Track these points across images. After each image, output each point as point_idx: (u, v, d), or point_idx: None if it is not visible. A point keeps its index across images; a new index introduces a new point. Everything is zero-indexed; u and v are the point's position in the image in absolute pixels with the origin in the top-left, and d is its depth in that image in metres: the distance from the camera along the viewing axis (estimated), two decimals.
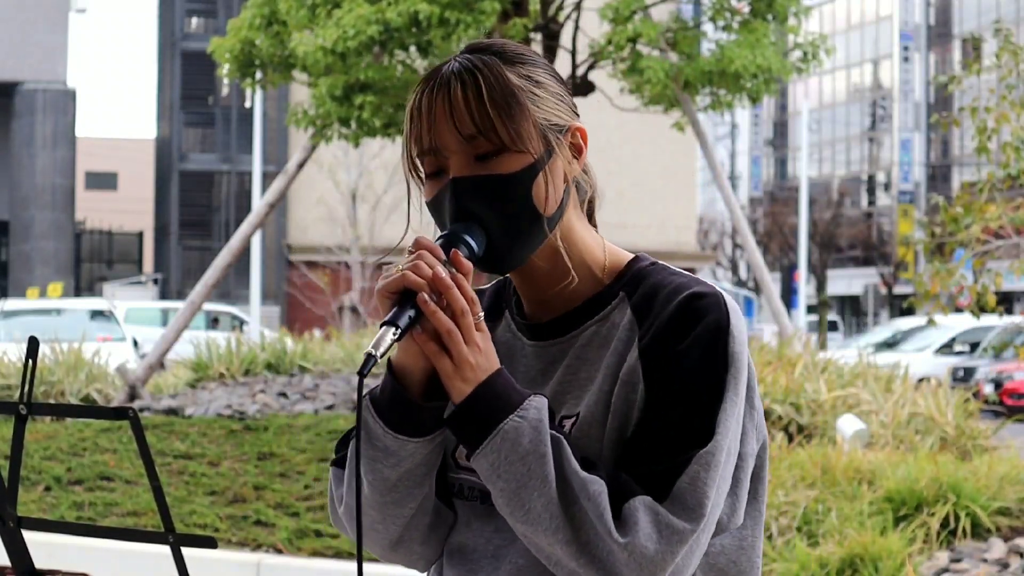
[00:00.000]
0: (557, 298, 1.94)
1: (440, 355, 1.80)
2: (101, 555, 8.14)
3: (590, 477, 1.77)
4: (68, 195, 40.87)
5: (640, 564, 1.74)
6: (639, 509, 1.76)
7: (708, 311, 1.82)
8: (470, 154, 1.86)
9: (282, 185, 13.94)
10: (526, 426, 1.78)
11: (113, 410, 1.78)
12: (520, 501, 1.77)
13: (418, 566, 2.03)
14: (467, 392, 1.80)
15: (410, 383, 1.85)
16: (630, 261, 1.95)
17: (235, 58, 13.17)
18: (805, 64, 13.50)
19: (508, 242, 1.87)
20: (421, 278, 1.79)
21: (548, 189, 1.87)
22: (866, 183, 72.20)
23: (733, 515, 1.86)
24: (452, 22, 11.90)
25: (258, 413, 11.43)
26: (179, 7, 49.39)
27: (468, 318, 1.80)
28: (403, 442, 1.86)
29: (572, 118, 1.92)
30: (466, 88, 1.86)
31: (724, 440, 1.79)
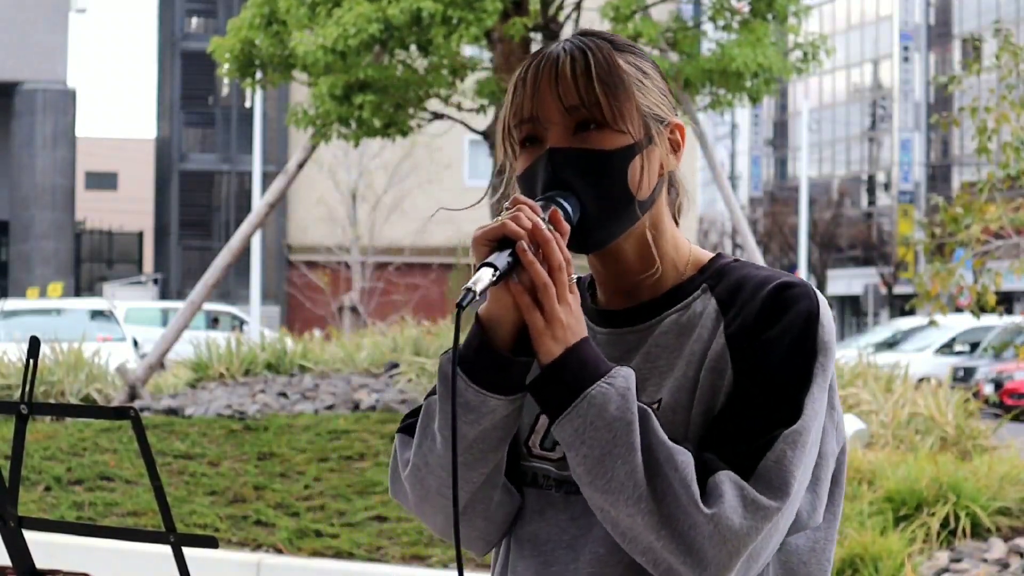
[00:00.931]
0: (638, 288, 1.93)
1: (532, 309, 1.79)
2: (102, 555, 8.14)
3: (677, 448, 1.76)
4: (68, 195, 40.87)
5: (724, 538, 1.72)
6: (724, 482, 1.74)
7: (798, 300, 1.82)
8: (569, 126, 1.87)
9: (282, 185, 13.94)
10: (613, 393, 1.76)
11: (114, 410, 1.78)
12: (603, 469, 1.75)
13: (477, 546, 1.99)
14: (556, 353, 1.78)
15: (498, 336, 1.83)
16: (713, 257, 1.95)
17: (235, 58, 13.17)
18: (805, 64, 13.50)
19: (599, 218, 1.87)
20: (521, 228, 1.78)
21: (644, 174, 1.88)
22: (866, 183, 72.20)
23: (813, 512, 1.85)
24: (453, 20, 11.91)
25: (258, 413, 11.43)
26: (179, 7, 49.39)
27: (564, 275, 1.79)
28: (484, 398, 1.83)
29: (673, 115, 1.93)
30: (575, 62, 1.87)
31: (811, 423, 1.78)
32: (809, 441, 1.78)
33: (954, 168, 65.55)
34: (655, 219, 1.92)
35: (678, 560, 1.74)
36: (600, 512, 1.78)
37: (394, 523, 8.84)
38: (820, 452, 1.85)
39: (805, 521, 1.84)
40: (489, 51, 13.36)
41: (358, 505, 9.14)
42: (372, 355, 13.47)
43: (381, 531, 8.80)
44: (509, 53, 12.83)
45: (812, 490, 1.84)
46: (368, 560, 8.45)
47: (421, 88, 13.01)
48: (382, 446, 10.17)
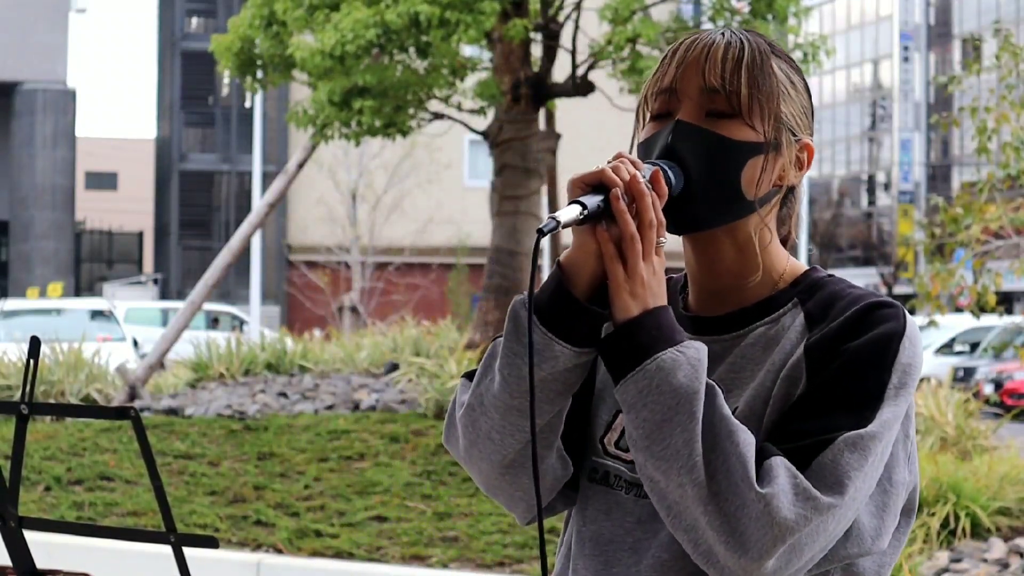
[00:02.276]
0: (731, 294, 1.91)
1: (615, 260, 1.77)
2: (102, 555, 8.14)
3: (741, 427, 1.74)
4: (68, 195, 40.88)
5: (771, 520, 1.69)
6: (779, 467, 1.72)
7: (887, 319, 1.80)
8: (704, 106, 1.86)
9: (282, 185, 13.94)
10: (684, 360, 1.74)
11: (114, 410, 1.78)
12: (661, 435, 1.73)
13: (519, 507, 1.95)
14: (633, 311, 1.76)
15: (576, 283, 1.81)
16: (808, 271, 1.93)
17: (235, 56, 13.17)
18: (805, 65, 13.50)
19: (702, 200, 1.86)
20: (619, 178, 1.77)
21: (761, 176, 1.86)
22: (866, 183, 72.20)
23: (878, 538, 1.82)
24: (452, 23, 11.90)
25: (258, 413, 11.43)
26: (179, 7, 49.39)
27: (653, 234, 1.78)
28: (550, 341, 1.80)
29: (807, 134, 1.92)
30: (730, 47, 1.87)
31: (878, 435, 1.75)
32: (873, 451, 1.75)
33: (954, 168, 65.55)
34: (761, 227, 1.90)
35: (720, 539, 1.71)
36: (650, 483, 1.75)
37: (394, 523, 8.85)
38: (891, 480, 1.82)
39: (869, 545, 1.81)
40: (489, 51, 13.36)
41: (358, 505, 9.14)
42: (372, 355, 13.47)
43: (381, 531, 8.80)
44: (509, 53, 12.84)
45: (880, 516, 1.82)
46: (368, 560, 8.45)
47: (421, 89, 13.01)
48: (382, 446, 10.17)
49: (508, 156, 12.89)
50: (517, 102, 12.84)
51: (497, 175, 13.04)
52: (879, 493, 1.82)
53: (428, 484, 9.40)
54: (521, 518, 1.98)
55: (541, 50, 13.22)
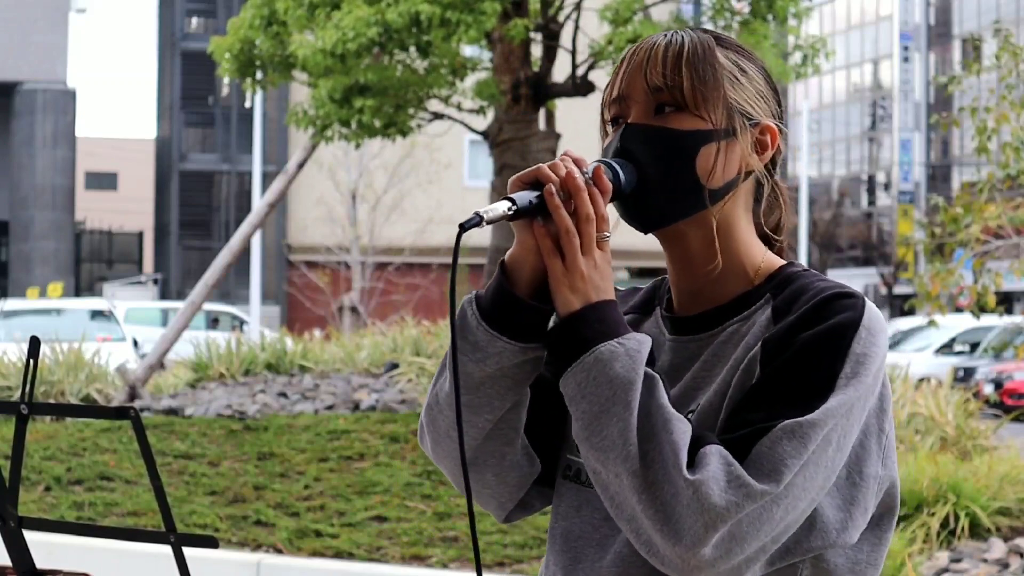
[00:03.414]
0: (707, 292, 1.92)
1: (553, 254, 1.80)
2: (102, 555, 8.14)
3: (677, 416, 1.74)
4: (68, 195, 40.88)
5: (702, 507, 1.69)
6: (713, 454, 1.72)
7: (843, 310, 1.79)
8: (651, 106, 1.88)
9: (282, 185, 13.94)
10: (622, 352, 1.75)
11: (114, 410, 1.78)
12: (599, 425, 1.74)
13: (490, 504, 1.99)
14: (574, 306, 1.78)
15: (518, 279, 1.84)
16: (782, 265, 1.93)
17: (235, 58, 13.18)
18: (804, 68, 13.51)
19: (661, 195, 1.87)
20: (555, 174, 1.80)
21: (716, 163, 1.86)
22: (866, 183, 72.20)
23: (843, 531, 1.81)
24: (453, 23, 11.91)
25: (258, 413, 11.43)
26: (179, 7, 49.39)
27: (592, 228, 1.79)
28: (493, 338, 1.84)
29: (768, 118, 1.92)
30: (670, 45, 1.89)
31: (823, 422, 1.74)
32: (814, 439, 1.74)
33: (954, 168, 65.55)
34: (726, 218, 1.90)
35: (655, 527, 1.71)
36: (593, 474, 1.77)
37: (394, 523, 8.85)
38: (861, 473, 1.82)
39: (834, 538, 1.81)
40: (489, 51, 13.36)
41: (358, 505, 9.14)
42: (372, 355, 13.48)
43: (381, 531, 8.80)
44: (509, 53, 12.84)
45: (846, 509, 1.81)
46: (368, 560, 8.45)
47: (421, 89, 13.01)
48: (382, 446, 10.17)
49: (508, 156, 12.89)
50: (517, 102, 12.84)
51: (497, 175, 13.05)
52: (848, 486, 1.82)
53: (428, 484, 9.40)
54: (496, 515, 2.01)
55: (541, 50, 13.22)
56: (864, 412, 1.80)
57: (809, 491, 1.75)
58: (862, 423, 1.81)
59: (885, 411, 1.85)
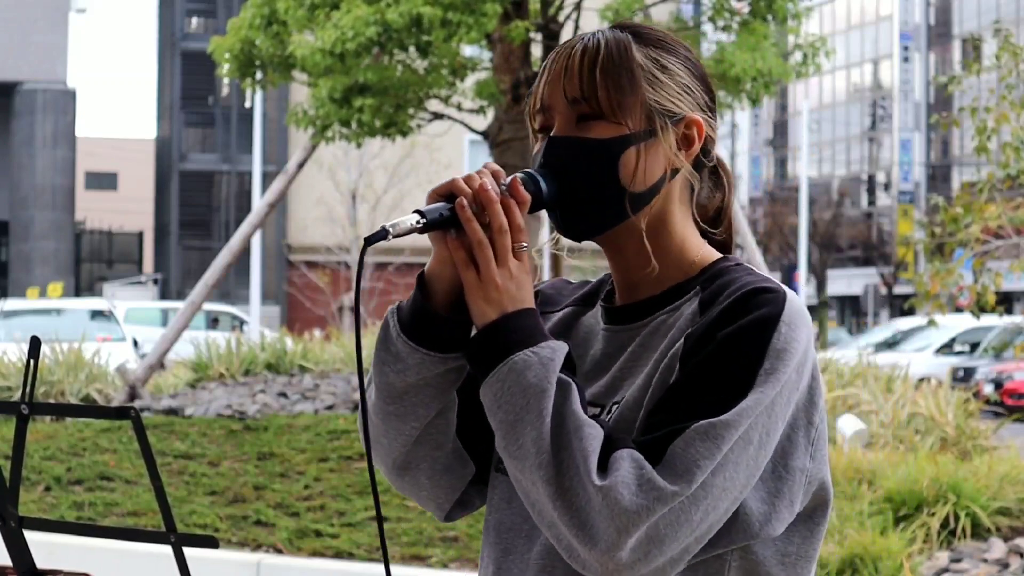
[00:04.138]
0: (644, 284, 1.93)
1: (468, 266, 1.81)
2: (102, 555, 8.14)
3: (589, 422, 1.75)
4: (68, 195, 40.88)
5: (612, 512, 1.70)
6: (624, 458, 1.73)
7: (763, 305, 1.79)
8: (572, 117, 1.89)
9: (282, 185, 13.94)
10: (535, 361, 1.77)
11: (115, 410, 1.78)
12: (515, 434, 1.76)
13: (428, 507, 2.02)
14: (490, 316, 1.80)
15: (435, 293, 1.87)
16: (717, 259, 1.93)
17: (235, 58, 13.18)
18: (804, 67, 13.50)
19: (586, 205, 1.88)
20: (469, 187, 1.81)
21: (638, 166, 1.87)
22: (866, 183, 72.19)
23: (767, 523, 1.81)
24: (453, 23, 11.91)
25: (258, 413, 11.43)
26: (179, 7, 49.40)
27: (505, 239, 1.80)
28: (412, 349, 1.87)
29: (693, 111, 1.92)
30: (585, 54, 1.90)
31: (738, 422, 1.74)
32: (730, 439, 1.74)
33: (954, 168, 65.55)
34: (658, 214, 1.91)
35: (572, 533, 1.73)
36: (515, 482, 1.79)
37: (394, 523, 8.85)
38: (787, 466, 1.82)
39: (757, 531, 1.81)
40: (489, 51, 13.37)
41: (358, 505, 9.14)
42: (372, 355, 13.46)
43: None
44: (509, 53, 12.84)
45: (770, 502, 1.81)
46: (368, 560, 8.45)
47: (421, 89, 13.01)
48: None
49: (508, 156, 12.89)
50: (517, 102, 12.84)
51: None
52: (773, 479, 1.82)
53: None
54: (436, 515, 2.03)
55: (541, 50, 13.22)
56: (789, 406, 1.80)
57: (731, 491, 1.76)
58: (788, 417, 1.81)
59: (815, 404, 1.85)
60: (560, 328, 1.99)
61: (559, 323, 2.01)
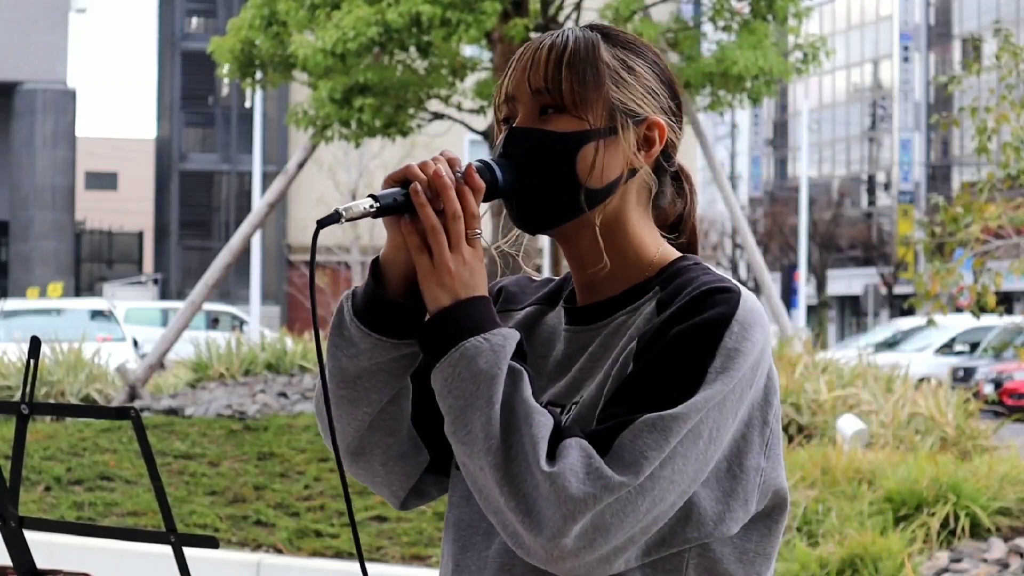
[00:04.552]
0: (602, 284, 1.94)
1: (421, 251, 1.82)
2: (102, 555, 8.14)
3: (539, 409, 1.77)
4: (68, 195, 40.88)
5: (559, 498, 1.71)
6: (572, 446, 1.74)
7: (717, 304, 1.80)
8: (535, 108, 1.90)
9: (282, 185, 13.94)
10: (487, 347, 1.78)
11: (115, 410, 1.78)
12: (464, 420, 1.77)
13: (383, 493, 2.03)
14: (443, 302, 1.81)
15: (389, 278, 1.88)
16: (676, 259, 1.94)
17: (235, 58, 13.18)
18: (805, 66, 13.51)
19: (541, 197, 1.89)
20: (423, 173, 1.82)
21: (596, 162, 1.88)
22: (866, 183, 72.19)
23: (721, 522, 1.82)
24: (453, 23, 11.91)
25: (258, 413, 11.43)
26: (179, 7, 49.40)
27: (459, 225, 1.82)
28: (364, 334, 1.87)
29: (656, 113, 1.93)
30: (553, 47, 1.92)
31: (687, 416, 1.75)
32: (677, 432, 1.75)
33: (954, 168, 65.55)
34: (614, 212, 1.91)
35: (518, 519, 1.74)
36: (463, 468, 1.80)
37: (394, 523, 8.85)
38: (741, 465, 1.83)
39: (711, 529, 1.82)
40: (489, 51, 13.37)
41: (358, 505, 9.14)
42: None
43: (381, 531, 8.80)
44: (509, 53, 12.84)
45: (725, 501, 1.82)
46: (368, 560, 8.45)
47: (421, 89, 13.01)
48: None
49: None
50: None
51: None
52: (728, 478, 1.83)
53: None
54: (392, 503, 2.04)
55: None
56: (741, 405, 1.81)
57: (678, 483, 1.77)
58: (743, 416, 1.83)
59: (770, 404, 1.86)
60: (523, 327, 2.00)
61: (522, 321, 2.02)
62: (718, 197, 58.16)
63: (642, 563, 1.81)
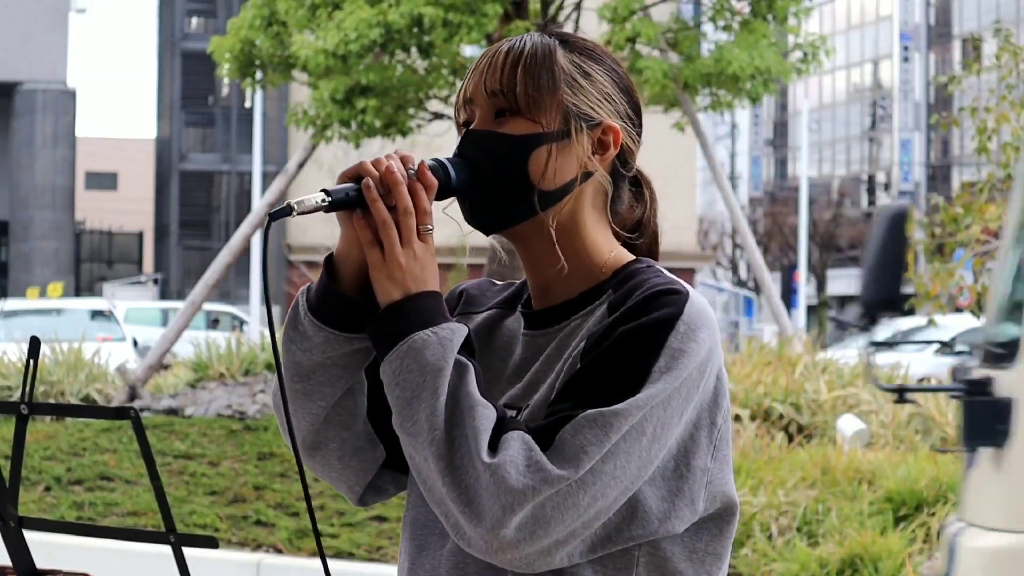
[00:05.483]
0: (556, 288, 1.96)
1: (372, 246, 1.85)
2: (101, 555, 8.15)
3: (483, 402, 1.79)
4: (68, 195, 40.87)
5: (499, 489, 1.74)
6: (514, 439, 1.77)
7: (664, 305, 1.83)
8: (491, 111, 1.93)
9: (282, 185, 13.95)
10: (434, 340, 1.80)
11: (114, 410, 1.79)
12: (410, 411, 1.79)
13: (341, 488, 2.04)
14: (393, 296, 1.83)
15: (343, 274, 1.91)
16: (629, 262, 1.96)
17: (235, 58, 13.18)
18: (805, 65, 13.51)
19: (494, 199, 1.92)
20: (376, 169, 1.86)
21: (548, 165, 1.90)
22: (866, 183, 72.22)
23: (666, 520, 1.84)
24: (454, 24, 11.91)
25: (258, 413, 11.44)
26: (179, 7, 49.40)
27: (411, 221, 1.85)
28: (318, 328, 1.90)
29: (612, 118, 1.95)
30: (510, 51, 1.94)
31: (629, 412, 1.78)
32: (618, 428, 1.77)
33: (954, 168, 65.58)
34: (569, 214, 1.93)
35: (459, 509, 1.76)
36: (410, 460, 1.82)
37: (394, 523, 8.85)
38: (688, 465, 1.85)
39: (656, 527, 1.84)
40: None
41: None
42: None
43: (381, 531, 8.81)
44: None
45: (671, 500, 1.84)
46: (368, 560, 8.46)
47: (421, 89, 13.02)
48: None
49: None
50: None
51: None
52: (674, 478, 1.85)
53: None
54: (349, 498, 2.05)
55: None
56: (688, 405, 1.83)
57: (621, 479, 1.79)
58: (690, 417, 1.85)
59: (719, 405, 1.88)
60: (483, 330, 2.02)
61: (482, 324, 2.03)
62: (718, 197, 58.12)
63: (590, 559, 1.83)
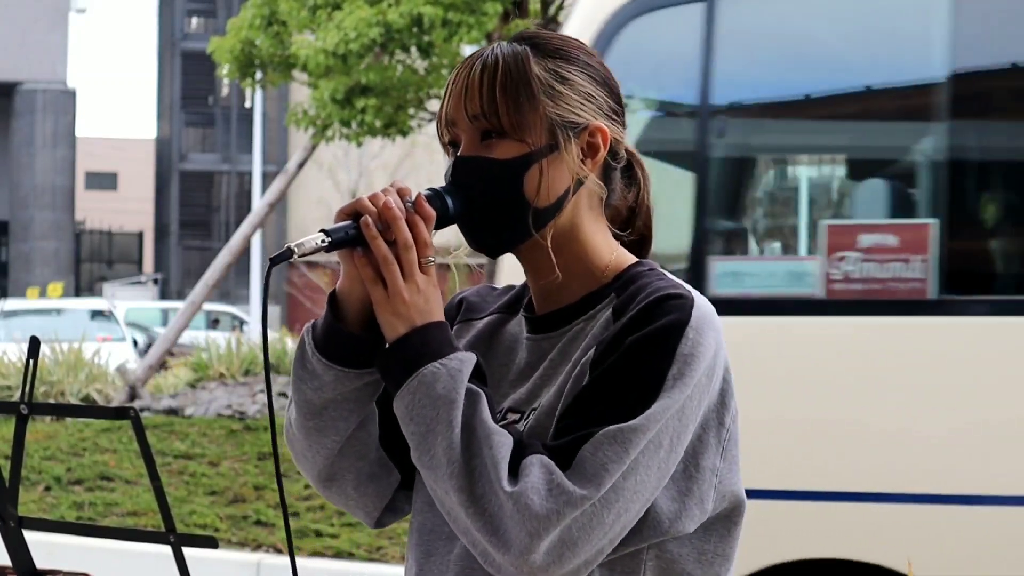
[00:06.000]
0: (557, 294, 1.96)
1: (375, 282, 1.85)
2: (101, 555, 8.15)
3: (498, 430, 1.79)
4: (68, 195, 40.87)
5: (524, 517, 1.74)
6: (534, 464, 1.77)
7: (671, 311, 1.83)
8: (476, 134, 1.92)
9: (282, 185, 13.95)
10: (444, 373, 1.80)
11: (114, 410, 1.79)
12: (427, 445, 1.79)
13: (358, 515, 2.05)
14: (399, 330, 1.83)
15: (347, 311, 1.91)
16: (631, 265, 1.96)
17: (235, 58, 13.18)
18: None
19: (492, 223, 1.92)
20: (373, 205, 1.85)
21: (541, 182, 1.90)
22: None
23: (677, 521, 1.85)
24: (454, 23, 11.92)
25: (258, 413, 11.44)
26: (179, 7, 49.42)
27: (411, 255, 1.84)
28: (327, 367, 1.90)
29: (596, 118, 1.94)
30: (484, 71, 1.92)
31: (646, 427, 1.78)
32: (639, 443, 1.78)
33: None
34: (567, 223, 1.93)
35: (486, 538, 1.76)
36: (432, 493, 1.83)
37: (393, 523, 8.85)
38: (698, 465, 1.85)
39: (666, 528, 1.84)
40: None
41: None
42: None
43: (381, 531, 8.80)
44: None
45: (681, 500, 1.84)
46: (368, 560, 8.46)
47: (421, 89, 13.02)
48: None
49: None
50: None
51: None
52: (684, 478, 1.85)
53: None
54: (367, 523, 2.06)
55: None
56: (700, 409, 1.84)
57: (642, 493, 1.80)
58: (700, 419, 1.85)
59: (727, 406, 1.88)
60: (485, 335, 2.02)
61: (484, 330, 2.03)
62: None
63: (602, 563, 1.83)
